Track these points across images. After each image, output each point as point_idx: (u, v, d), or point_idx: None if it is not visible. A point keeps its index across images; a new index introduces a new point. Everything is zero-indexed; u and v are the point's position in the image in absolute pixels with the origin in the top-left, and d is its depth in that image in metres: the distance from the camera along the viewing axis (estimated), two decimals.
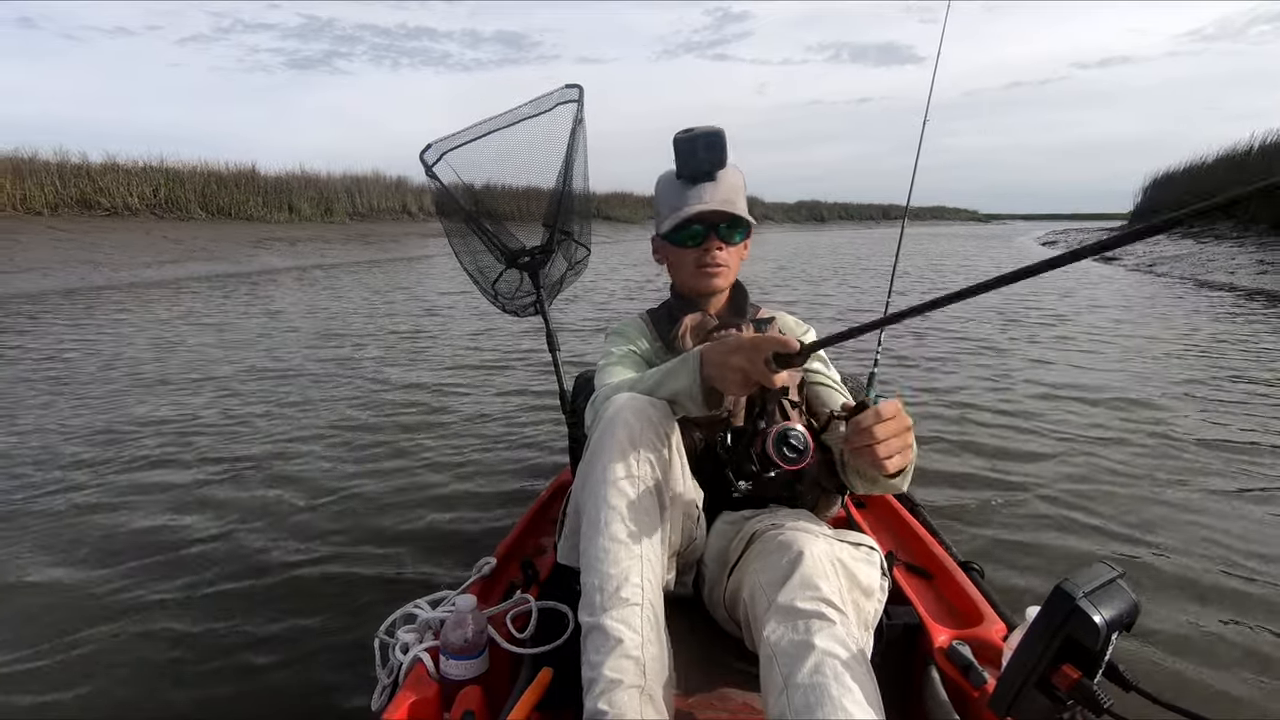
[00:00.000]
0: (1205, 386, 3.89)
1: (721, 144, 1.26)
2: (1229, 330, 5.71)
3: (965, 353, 4.98)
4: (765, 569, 0.94)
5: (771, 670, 0.83)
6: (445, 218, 1.93)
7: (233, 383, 4.07)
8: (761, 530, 1.05)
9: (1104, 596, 0.71)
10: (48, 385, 4.01)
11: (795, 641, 0.83)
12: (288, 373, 4.36)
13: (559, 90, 1.80)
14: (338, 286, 9.71)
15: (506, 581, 1.36)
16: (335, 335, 5.70)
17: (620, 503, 0.94)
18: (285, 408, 3.59)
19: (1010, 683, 0.75)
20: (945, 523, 2.13)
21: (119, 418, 3.38)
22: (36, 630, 1.69)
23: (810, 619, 0.84)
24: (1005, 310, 7.02)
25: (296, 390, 3.94)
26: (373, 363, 4.67)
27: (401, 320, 6.55)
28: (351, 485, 2.58)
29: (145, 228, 12.92)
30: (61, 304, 7.69)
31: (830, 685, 0.77)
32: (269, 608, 1.79)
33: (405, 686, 1.03)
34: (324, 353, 4.98)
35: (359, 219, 17.80)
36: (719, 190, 1.27)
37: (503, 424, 3.34)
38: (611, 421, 0.99)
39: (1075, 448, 2.94)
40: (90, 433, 3.15)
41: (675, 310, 1.36)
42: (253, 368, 4.48)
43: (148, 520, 2.28)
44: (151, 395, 3.80)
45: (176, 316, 6.80)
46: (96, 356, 4.83)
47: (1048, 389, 3.90)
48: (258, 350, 5.05)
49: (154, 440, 3.06)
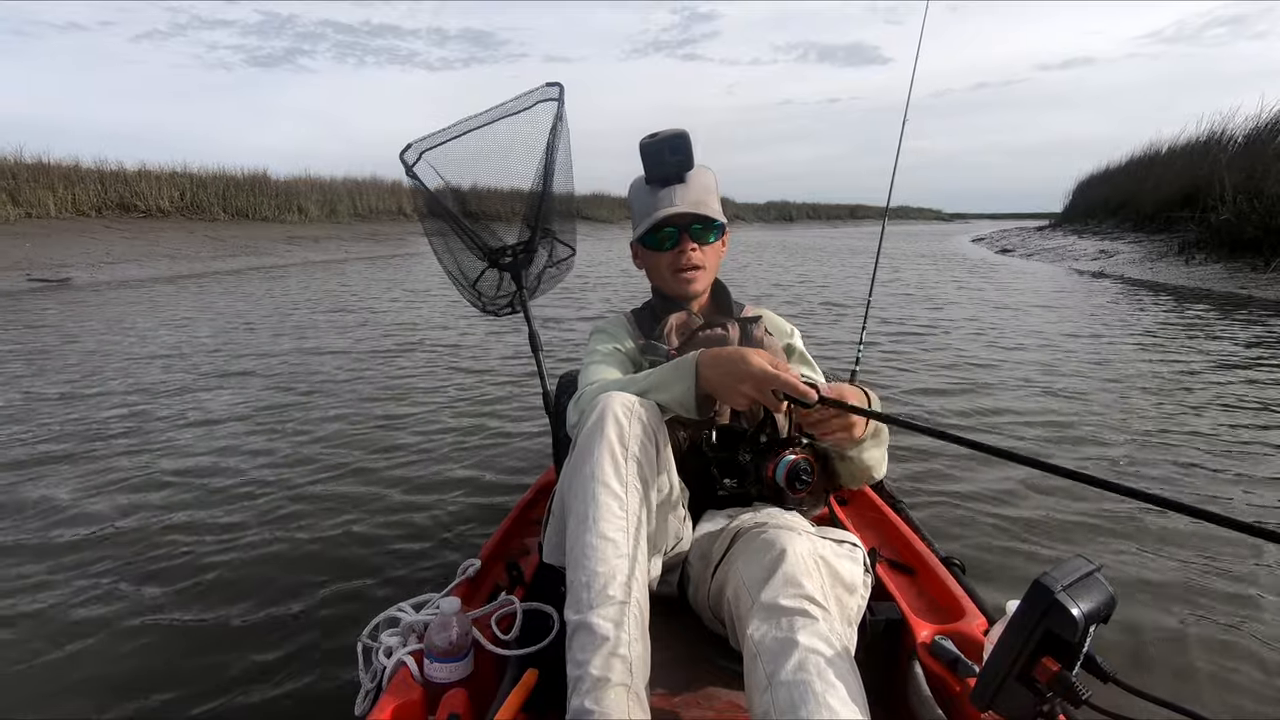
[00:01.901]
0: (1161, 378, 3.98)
1: (687, 146, 1.27)
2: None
3: (940, 350, 5.04)
4: (748, 567, 0.95)
5: (755, 668, 0.83)
6: (426, 218, 1.92)
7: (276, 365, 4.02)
8: (744, 529, 1.05)
9: (1082, 589, 0.72)
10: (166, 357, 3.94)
11: (779, 639, 0.83)
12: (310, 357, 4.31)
13: (540, 88, 1.79)
14: (360, 277, 10.78)
15: (491, 583, 1.35)
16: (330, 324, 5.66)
17: (608, 500, 0.94)
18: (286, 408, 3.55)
19: (992, 676, 0.76)
20: (926, 518, 2.16)
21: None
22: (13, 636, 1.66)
23: (794, 616, 0.85)
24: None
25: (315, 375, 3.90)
26: (360, 358, 4.62)
27: (388, 315, 6.50)
28: (332, 486, 2.56)
29: (186, 228, 14.35)
30: (170, 288, 8.78)
31: (814, 682, 0.78)
32: (248, 612, 1.77)
33: (389, 690, 1.02)
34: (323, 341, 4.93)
35: (360, 219, 19.25)
36: (689, 192, 1.28)
37: (485, 424, 3.31)
38: (601, 418, 0.99)
39: (1051, 443, 2.98)
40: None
41: (658, 310, 1.36)
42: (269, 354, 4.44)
43: (140, 510, 2.25)
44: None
45: (265, 294, 8.27)
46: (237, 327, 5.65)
47: (1020, 380, 3.96)
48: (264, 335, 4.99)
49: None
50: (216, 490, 2.53)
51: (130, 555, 2.06)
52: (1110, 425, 3.19)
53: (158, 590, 1.87)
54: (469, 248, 1.90)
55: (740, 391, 0.96)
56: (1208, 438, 3.00)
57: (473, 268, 1.93)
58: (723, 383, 0.98)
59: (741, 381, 0.96)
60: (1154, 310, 6.98)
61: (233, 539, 2.16)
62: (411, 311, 7.05)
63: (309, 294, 8.42)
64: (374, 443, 3.05)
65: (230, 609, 1.79)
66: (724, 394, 0.98)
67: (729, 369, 0.98)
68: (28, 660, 1.58)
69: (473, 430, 3.23)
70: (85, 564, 2.01)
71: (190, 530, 2.22)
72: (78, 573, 1.96)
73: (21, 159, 13.27)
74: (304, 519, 2.30)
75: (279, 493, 2.51)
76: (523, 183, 1.86)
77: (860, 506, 1.69)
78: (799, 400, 0.92)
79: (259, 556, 2.05)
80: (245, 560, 2.03)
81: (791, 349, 1.38)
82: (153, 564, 2.01)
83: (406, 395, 3.85)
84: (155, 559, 2.04)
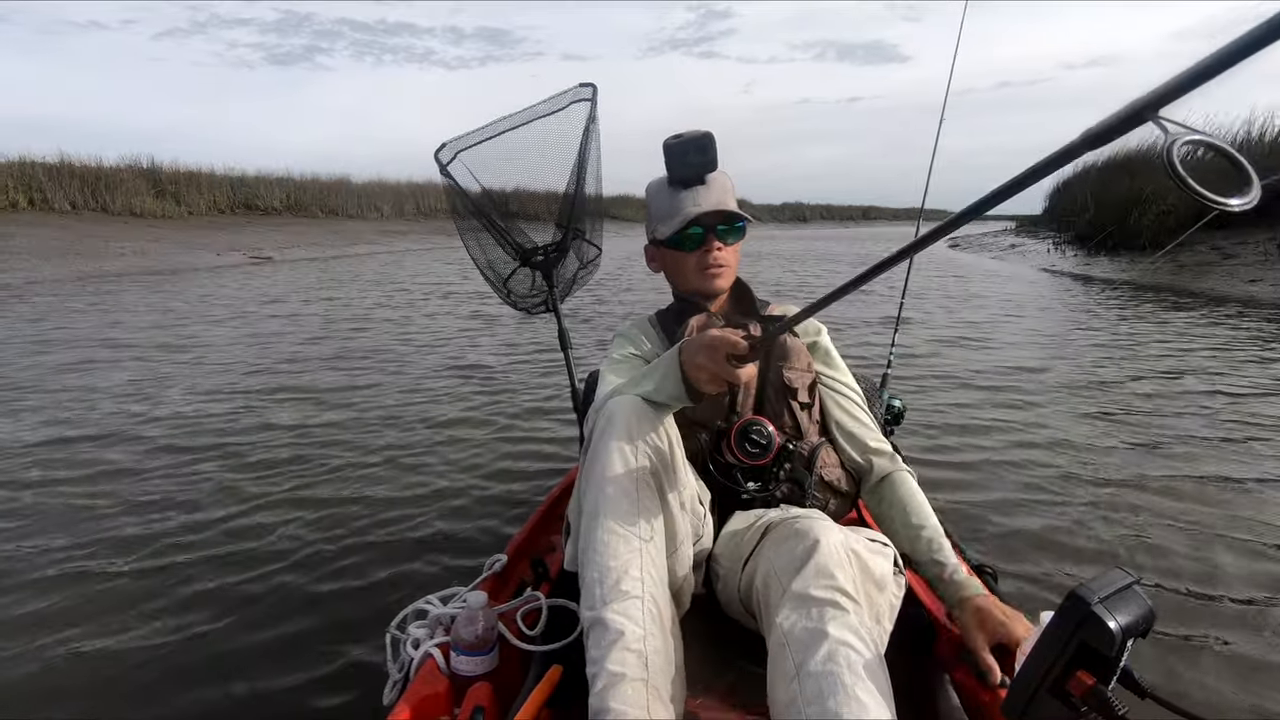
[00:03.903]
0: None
1: (712, 148, 1.27)
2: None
3: (976, 346, 4.96)
4: (779, 556, 0.94)
5: (783, 656, 0.83)
6: (459, 217, 1.94)
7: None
8: (775, 522, 1.05)
9: (1119, 602, 0.70)
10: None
11: (809, 629, 0.83)
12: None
13: (573, 89, 1.80)
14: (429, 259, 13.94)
15: (517, 579, 1.36)
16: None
17: (618, 496, 0.94)
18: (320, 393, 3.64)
19: (1023, 687, 0.74)
20: (959, 523, 2.12)
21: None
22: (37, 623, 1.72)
23: (825, 607, 0.84)
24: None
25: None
26: (405, 350, 4.72)
27: (396, 308, 6.61)
28: (365, 481, 2.60)
29: (312, 223, 17.65)
30: (330, 263, 12.57)
31: (844, 674, 0.77)
32: (280, 603, 1.81)
33: (416, 682, 1.03)
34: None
35: (425, 217, 22.14)
36: (712, 193, 1.29)
37: (514, 421, 3.34)
38: (610, 420, 1.00)
39: (1083, 454, 2.91)
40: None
41: (681, 312, 1.36)
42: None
43: (170, 506, 2.32)
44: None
45: (401, 271, 11.71)
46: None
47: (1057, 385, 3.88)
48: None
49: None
50: (246, 466, 2.60)
51: (155, 539, 2.12)
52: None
53: (184, 579, 1.92)
54: (501, 245, 1.91)
55: (698, 364, 0.92)
56: None
57: (504, 266, 1.95)
58: (691, 364, 0.95)
59: (696, 353, 0.93)
60: (1019, 280, 10.02)
61: (263, 530, 2.21)
62: (440, 302, 7.16)
63: (408, 271, 11.48)
64: (403, 438, 3.09)
65: (261, 599, 1.83)
66: (694, 376, 0.94)
67: (692, 351, 0.95)
68: (47, 655, 1.64)
69: (503, 426, 3.25)
70: (120, 553, 2.07)
71: (219, 522, 2.28)
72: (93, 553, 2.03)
73: (177, 167, 16.89)
74: (334, 510, 2.35)
75: (311, 477, 2.56)
76: (555, 183, 1.87)
77: None
78: (740, 356, 0.88)
79: (288, 547, 2.10)
80: (275, 551, 2.08)
81: (817, 346, 1.35)
82: (176, 554, 2.07)
83: (435, 391, 3.90)
84: (179, 549, 2.10)
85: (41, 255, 10.37)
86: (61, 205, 13.85)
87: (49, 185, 13.88)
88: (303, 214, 18.54)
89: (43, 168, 14.27)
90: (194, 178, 16.85)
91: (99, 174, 15.13)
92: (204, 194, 16.55)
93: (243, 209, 17.43)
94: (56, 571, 1.93)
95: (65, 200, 13.97)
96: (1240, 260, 8.91)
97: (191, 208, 16.10)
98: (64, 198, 13.98)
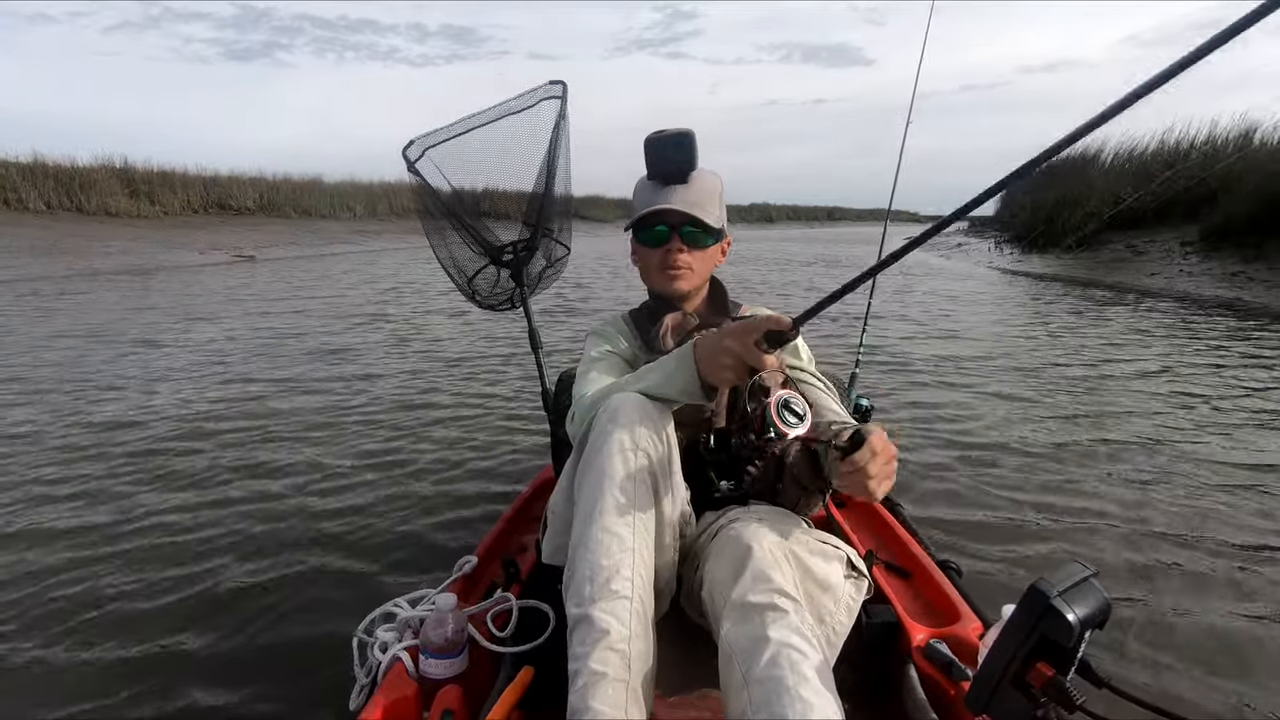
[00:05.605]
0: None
1: (690, 145, 1.26)
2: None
3: (937, 343, 5.06)
4: (719, 566, 0.95)
5: (730, 668, 0.83)
6: (426, 215, 1.91)
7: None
8: (721, 527, 1.05)
9: (1077, 595, 0.72)
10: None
11: (751, 636, 0.83)
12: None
13: (543, 86, 1.79)
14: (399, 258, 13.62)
15: (488, 580, 1.35)
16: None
17: (616, 496, 0.93)
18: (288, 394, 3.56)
19: (986, 680, 0.76)
20: (922, 522, 2.16)
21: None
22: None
23: (764, 611, 0.85)
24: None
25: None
26: (368, 349, 4.63)
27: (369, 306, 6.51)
28: (331, 482, 2.55)
29: (287, 223, 17.55)
30: (308, 262, 12.25)
31: (787, 676, 0.78)
32: (245, 606, 1.77)
33: (384, 686, 1.02)
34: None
35: (398, 216, 21.57)
36: (689, 193, 1.27)
37: (483, 421, 3.31)
38: (612, 416, 0.99)
39: (1042, 447, 2.99)
40: None
41: (655, 310, 1.36)
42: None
43: (146, 506, 2.25)
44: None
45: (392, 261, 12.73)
46: None
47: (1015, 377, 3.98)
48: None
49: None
50: (206, 470, 2.53)
51: (125, 541, 2.06)
52: None
53: (145, 580, 1.87)
54: (468, 244, 1.89)
55: (724, 349, 0.92)
56: None
57: (470, 264, 1.92)
58: (710, 360, 0.95)
59: (724, 338, 0.92)
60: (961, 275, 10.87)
61: (227, 533, 2.16)
62: (403, 307, 7.06)
63: (383, 269, 11.47)
64: (373, 437, 3.05)
65: (225, 602, 1.79)
66: (714, 371, 0.95)
67: (710, 345, 0.95)
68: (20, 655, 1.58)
69: (472, 427, 3.22)
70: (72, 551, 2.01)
71: (181, 518, 2.22)
72: (65, 560, 1.96)
73: (150, 167, 16.65)
74: (300, 512, 2.30)
75: (275, 482, 2.51)
76: (525, 181, 1.85)
77: (858, 509, 1.68)
78: (780, 335, 0.89)
79: (254, 549, 2.05)
80: (240, 553, 2.03)
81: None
82: (143, 554, 2.01)
83: (407, 391, 3.85)
84: (145, 550, 2.04)
85: (30, 254, 10.19)
86: (36, 205, 13.57)
87: (23, 185, 13.57)
88: (276, 214, 18.27)
89: (16, 167, 13.94)
90: (167, 177, 16.70)
91: (73, 173, 14.88)
92: (178, 194, 16.36)
93: (216, 208, 17.22)
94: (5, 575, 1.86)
95: (40, 200, 13.69)
96: (1148, 256, 10.17)
97: (166, 207, 15.88)
98: (39, 198, 13.70)
